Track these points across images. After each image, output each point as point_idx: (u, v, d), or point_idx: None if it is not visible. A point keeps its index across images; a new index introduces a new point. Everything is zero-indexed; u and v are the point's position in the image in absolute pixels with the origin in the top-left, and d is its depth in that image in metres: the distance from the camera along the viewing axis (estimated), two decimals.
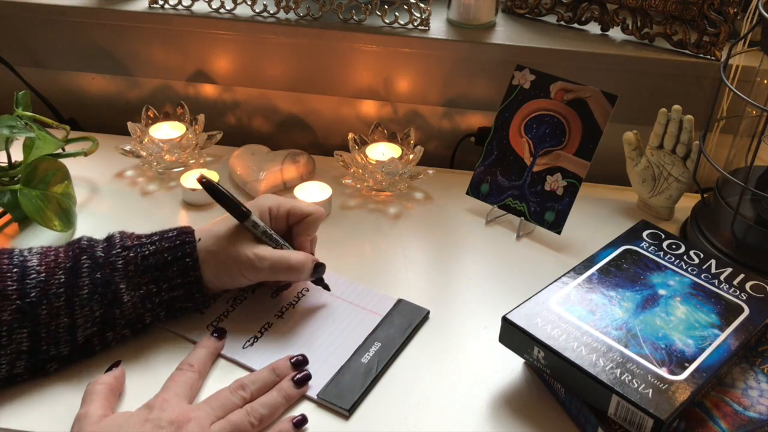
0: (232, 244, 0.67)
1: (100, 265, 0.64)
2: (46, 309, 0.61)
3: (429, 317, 0.72)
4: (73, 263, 0.63)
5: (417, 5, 0.94)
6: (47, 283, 0.62)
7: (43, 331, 0.61)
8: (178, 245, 0.66)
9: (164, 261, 0.65)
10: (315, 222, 0.72)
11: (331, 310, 0.72)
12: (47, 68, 1.04)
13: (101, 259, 0.64)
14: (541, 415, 0.63)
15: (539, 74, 0.86)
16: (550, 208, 0.83)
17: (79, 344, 0.63)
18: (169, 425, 0.56)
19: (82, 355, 0.64)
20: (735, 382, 0.63)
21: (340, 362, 0.66)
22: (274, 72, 0.99)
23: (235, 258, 0.66)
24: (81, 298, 0.62)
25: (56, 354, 0.63)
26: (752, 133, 0.81)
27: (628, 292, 0.67)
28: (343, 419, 0.62)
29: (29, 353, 0.61)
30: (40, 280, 0.62)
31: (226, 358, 0.67)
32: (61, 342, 0.62)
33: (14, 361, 0.61)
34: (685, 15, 0.90)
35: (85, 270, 0.63)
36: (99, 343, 0.65)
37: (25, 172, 0.78)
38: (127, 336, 0.66)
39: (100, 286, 0.63)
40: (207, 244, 0.67)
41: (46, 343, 0.62)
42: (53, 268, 0.63)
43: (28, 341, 0.61)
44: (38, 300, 0.61)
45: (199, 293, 0.67)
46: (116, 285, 0.63)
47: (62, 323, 0.62)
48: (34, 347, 0.61)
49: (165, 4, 0.96)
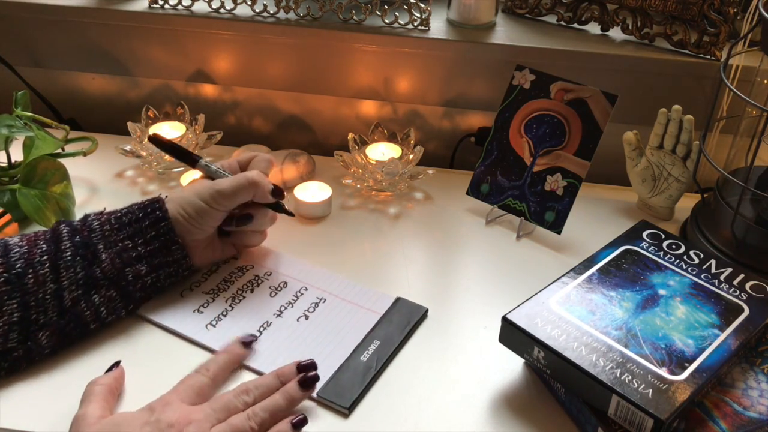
0: (193, 187, 0.72)
1: (77, 230, 0.67)
2: (33, 277, 0.64)
3: (428, 315, 0.72)
4: (52, 234, 0.67)
5: (417, 5, 0.94)
6: (30, 253, 0.65)
7: (32, 299, 0.63)
8: (148, 203, 0.70)
9: (135, 218, 0.69)
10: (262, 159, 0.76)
11: (329, 309, 0.72)
12: (47, 68, 1.04)
13: (78, 225, 0.68)
14: (541, 415, 0.63)
15: (539, 74, 0.86)
16: (550, 208, 0.83)
17: (66, 308, 0.64)
18: (169, 428, 0.55)
19: (72, 323, 0.65)
20: (735, 382, 0.63)
21: (339, 361, 0.66)
22: (274, 72, 0.99)
23: (198, 193, 0.70)
24: (65, 261, 0.65)
25: (46, 321, 0.64)
26: (752, 133, 0.81)
27: (628, 292, 0.67)
28: (342, 418, 0.62)
29: (20, 323, 0.63)
30: (23, 252, 0.64)
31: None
32: (49, 308, 0.64)
33: (6, 333, 0.62)
34: (685, 15, 0.90)
35: (65, 235, 0.67)
36: (87, 309, 0.66)
37: (24, 171, 0.78)
38: (115, 301, 0.67)
39: (80, 248, 0.66)
40: (173, 199, 0.71)
41: (35, 311, 0.63)
42: (34, 241, 0.66)
43: (18, 311, 0.63)
44: (24, 270, 0.63)
45: (175, 244, 0.70)
46: (94, 245, 0.67)
47: (49, 289, 0.64)
48: (24, 317, 0.63)
49: (165, 4, 0.96)
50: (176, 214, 0.70)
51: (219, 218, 0.72)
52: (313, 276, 0.76)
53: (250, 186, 0.72)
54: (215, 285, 0.74)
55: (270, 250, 0.79)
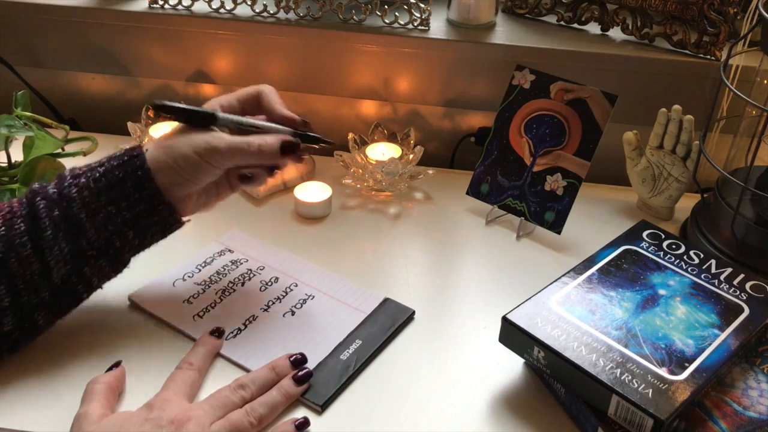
0: (184, 137, 0.65)
1: (55, 201, 0.62)
2: (16, 260, 0.61)
3: (414, 317, 0.72)
4: (29, 209, 0.62)
5: (417, 5, 0.94)
6: (9, 235, 0.61)
7: (20, 282, 0.61)
8: (127, 161, 0.64)
9: (117, 179, 0.63)
10: (268, 95, 0.70)
11: (316, 307, 0.72)
12: (47, 68, 1.04)
13: (55, 195, 0.63)
14: (541, 415, 0.63)
15: (539, 74, 0.86)
16: (550, 208, 0.83)
17: (57, 286, 0.62)
18: (169, 425, 0.56)
19: (66, 298, 0.64)
20: (735, 382, 0.63)
21: (318, 358, 0.66)
22: (274, 72, 0.99)
23: (192, 145, 0.64)
24: (47, 240, 0.61)
25: (38, 301, 0.62)
26: (752, 133, 0.81)
27: (628, 292, 0.67)
28: (343, 419, 0.62)
29: (12, 308, 0.61)
30: (1, 234, 0.61)
31: None
32: (39, 288, 0.62)
33: (0, 318, 0.61)
34: (685, 15, 0.90)
35: (43, 210, 0.62)
36: (79, 282, 0.63)
37: (24, 171, 0.78)
38: (105, 269, 0.65)
39: (61, 223, 0.62)
40: (156, 152, 0.64)
41: (25, 293, 0.61)
42: (11, 219, 0.62)
43: (8, 296, 0.61)
44: (5, 254, 0.60)
45: (161, 204, 0.64)
46: (76, 216, 0.62)
47: (36, 270, 0.61)
48: (15, 301, 0.61)
49: (165, 4, 0.96)
50: (164, 165, 0.63)
51: (216, 175, 0.66)
52: (305, 272, 0.76)
53: (253, 154, 0.65)
54: (208, 277, 0.75)
55: (267, 246, 0.80)
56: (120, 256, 0.65)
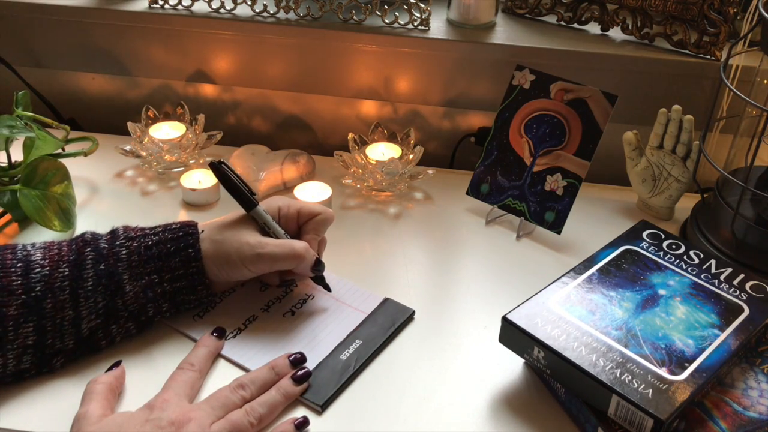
0: (235, 233, 0.67)
1: (103, 256, 0.64)
2: (51, 302, 0.61)
3: (414, 318, 0.72)
4: (76, 256, 0.64)
5: (417, 5, 0.94)
6: (51, 276, 0.62)
7: (49, 324, 0.62)
8: (181, 236, 0.66)
9: (167, 251, 0.65)
10: (324, 221, 0.72)
11: (316, 307, 0.72)
12: (47, 68, 1.04)
13: (105, 251, 0.64)
14: (541, 415, 0.63)
15: (539, 74, 0.86)
16: (550, 208, 0.83)
17: (83, 337, 0.63)
18: (170, 425, 0.56)
19: (87, 349, 0.64)
20: (735, 382, 0.63)
21: (318, 358, 0.66)
22: (274, 72, 0.99)
23: (237, 246, 0.66)
24: (85, 290, 0.62)
25: (62, 347, 0.63)
26: (752, 133, 0.81)
27: (628, 292, 0.67)
28: (343, 419, 0.62)
29: (35, 347, 0.61)
30: (45, 274, 0.62)
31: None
32: (66, 335, 0.62)
33: (21, 355, 0.61)
34: (685, 15, 0.91)
35: (89, 262, 0.63)
36: (104, 337, 0.65)
37: (25, 172, 0.78)
38: (131, 331, 0.66)
39: (104, 278, 0.63)
40: (210, 235, 0.67)
41: (51, 336, 0.62)
42: (57, 262, 0.63)
43: (34, 335, 0.61)
44: (43, 294, 0.61)
45: (201, 285, 0.67)
46: (119, 275, 0.64)
47: (67, 316, 0.62)
48: (40, 341, 0.61)
49: (165, 4, 0.96)
50: (209, 257, 0.66)
51: (250, 277, 0.70)
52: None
53: (294, 259, 0.68)
54: None
55: None
56: (149, 323, 0.67)
